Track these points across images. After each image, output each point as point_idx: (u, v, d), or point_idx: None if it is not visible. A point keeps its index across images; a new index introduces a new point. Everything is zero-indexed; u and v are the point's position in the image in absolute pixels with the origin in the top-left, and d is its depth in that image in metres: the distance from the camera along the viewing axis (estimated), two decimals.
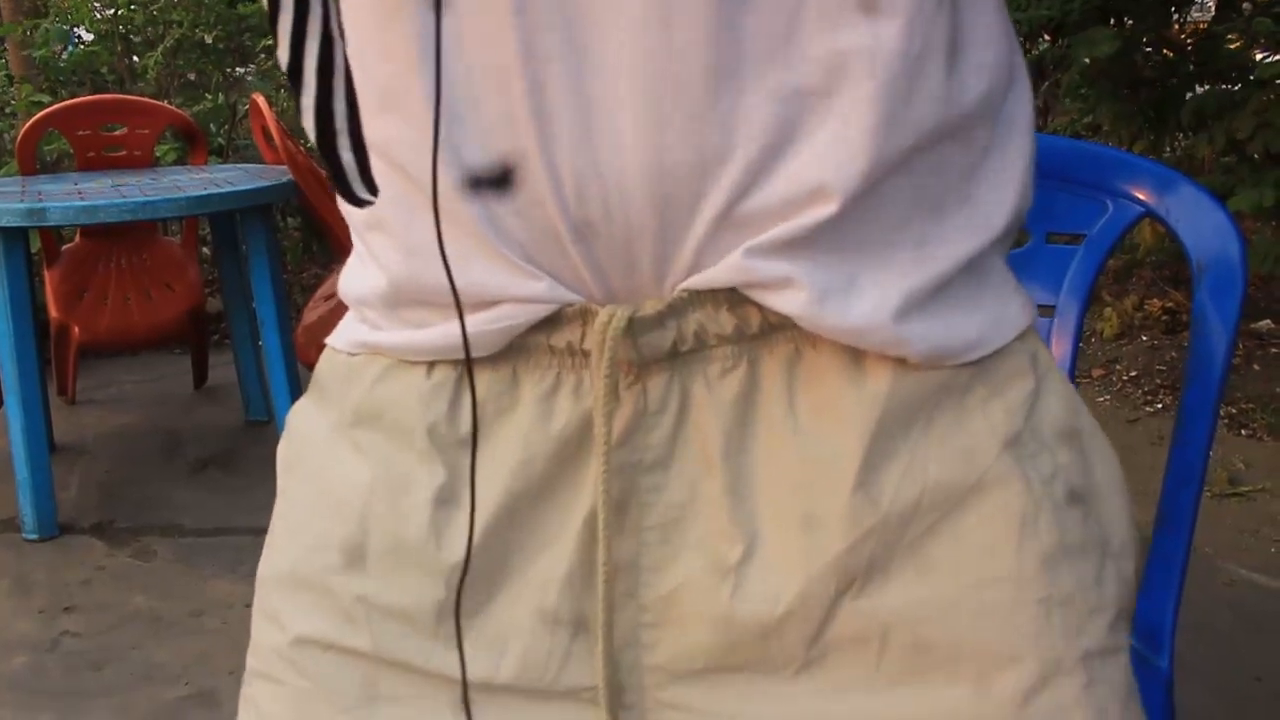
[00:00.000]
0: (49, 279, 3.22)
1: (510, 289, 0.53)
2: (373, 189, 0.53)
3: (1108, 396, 3.27)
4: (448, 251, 0.52)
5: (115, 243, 3.26)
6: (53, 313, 3.21)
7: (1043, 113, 4.45)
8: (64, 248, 3.29)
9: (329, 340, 0.63)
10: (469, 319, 0.54)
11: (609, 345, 0.52)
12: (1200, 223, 1.06)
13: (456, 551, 0.56)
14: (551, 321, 0.54)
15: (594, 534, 0.55)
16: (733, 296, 0.52)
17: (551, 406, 0.55)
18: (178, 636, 2.18)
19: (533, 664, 0.57)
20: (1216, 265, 1.04)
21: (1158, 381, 3.31)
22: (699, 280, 0.51)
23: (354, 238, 0.61)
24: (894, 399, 0.53)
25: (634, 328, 0.52)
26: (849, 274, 0.51)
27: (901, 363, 0.53)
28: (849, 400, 0.53)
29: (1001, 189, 0.54)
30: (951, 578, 0.53)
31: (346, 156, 0.52)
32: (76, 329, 3.21)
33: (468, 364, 0.54)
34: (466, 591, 0.57)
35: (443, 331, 0.55)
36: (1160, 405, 3.16)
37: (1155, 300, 3.78)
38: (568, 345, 0.54)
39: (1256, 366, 3.34)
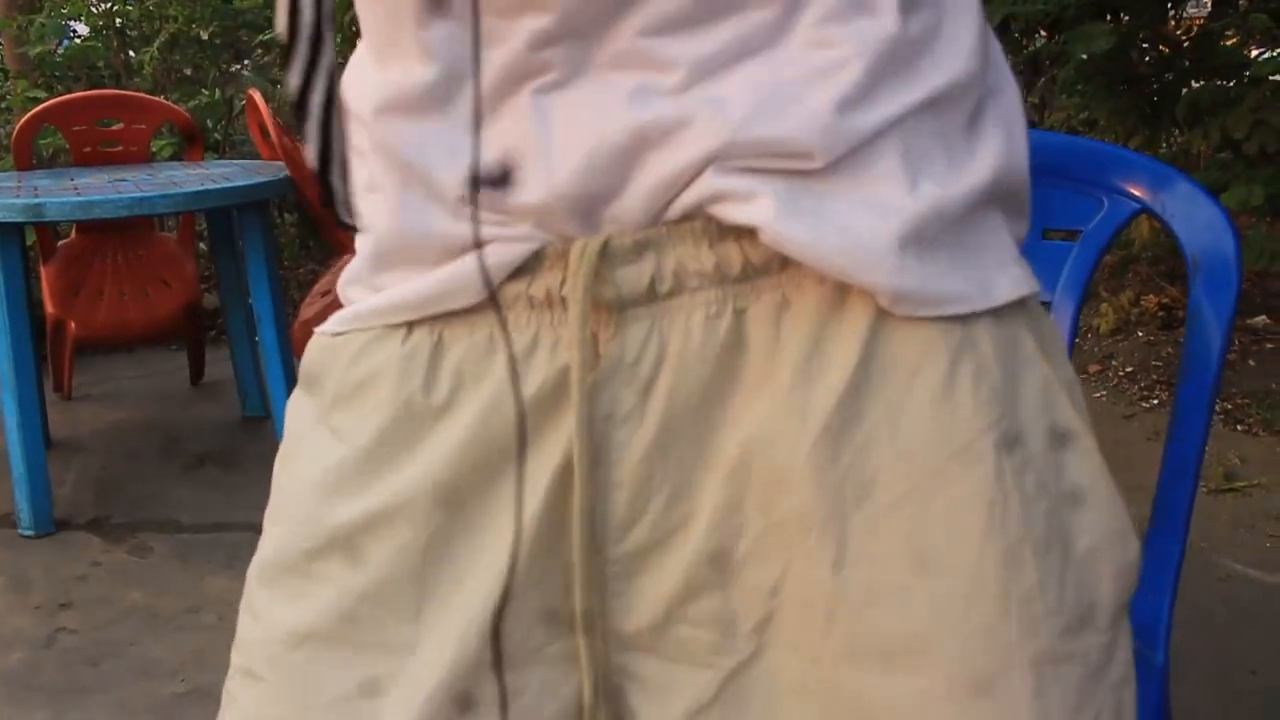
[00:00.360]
0: (45, 275, 3.22)
1: (497, 232, 0.54)
2: (352, 215, 0.55)
3: (1104, 392, 3.27)
4: (434, 214, 0.54)
5: (111, 238, 3.26)
6: (49, 308, 3.21)
7: (1039, 108, 4.45)
8: (60, 243, 3.29)
9: (318, 329, 0.64)
10: (448, 266, 0.55)
11: (584, 269, 0.52)
12: (1195, 218, 1.06)
13: (426, 529, 0.57)
14: (531, 268, 0.54)
15: (562, 490, 0.55)
16: (710, 230, 0.52)
17: (528, 369, 0.55)
18: (174, 632, 2.19)
19: (515, 629, 0.57)
20: (1211, 261, 1.04)
21: (1154, 377, 3.31)
22: (672, 208, 0.52)
23: (359, 223, 0.62)
24: (876, 347, 0.52)
25: (610, 256, 0.53)
26: (820, 196, 0.51)
27: (885, 312, 0.52)
28: (825, 349, 0.52)
29: (990, 146, 0.54)
30: (908, 560, 0.52)
31: (337, 184, 0.54)
32: (73, 325, 3.21)
33: (492, 299, 0.54)
34: (432, 567, 0.57)
35: (428, 281, 0.56)
36: (1156, 401, 3.17)
37: (1151, 296, 3.79)
38: (547, 294, 0.54)
39: (1252, 362, 3.35)
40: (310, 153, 0.53)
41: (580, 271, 0.53)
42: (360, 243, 0.61)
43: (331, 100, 0.53)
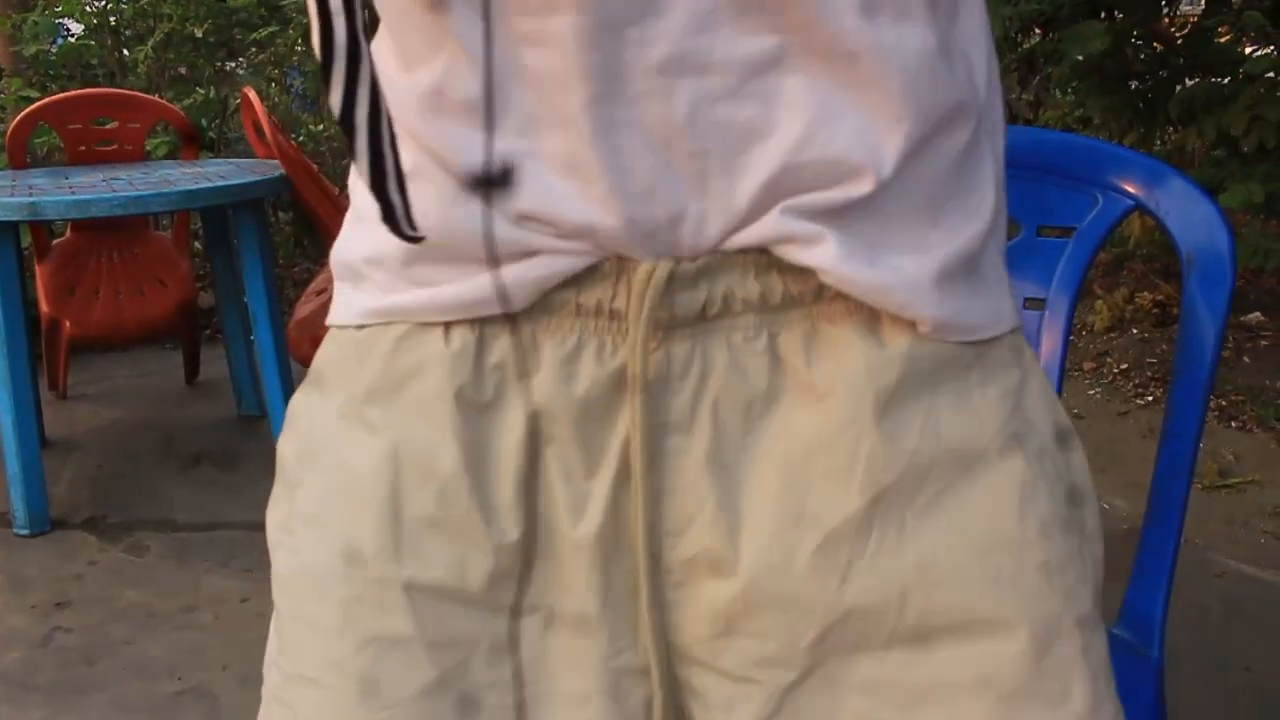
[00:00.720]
0: (40, 273, 3.21)
1: (549, 242, 0.54)
2: (415, 227, 0.54)
3: (1098, 389, 3.28)
4: (480, 212, 0.54)
5: (106, 237, 3.26)
6: (44, 307, 3.21)
7: (1033, 106, 4.46)
8: (55, 242, 3.29)
9: (331, 321, 0.62)
10: (502, 270, 0.54)
11: (650, 295, 0.53)
12: (1189, 215, 1.06)
13: (498, 521, 0.57)
14: (583, 279, 0.55)
15: (619, 498, 0.57)
16: (760, 262, 0.54)
17: (574, 370, 0.55)
18: (171, 631, 2.19)
19: (579, 633, 0.58)
20: (1205, 257, 1.05)
21: (1148, 374, 3.32)
22: (735, 239, 0.54)
23: (361, 193, 0.60)
24: (909, 363, 0.55)
25: (673, 283, 0.54)
26: (875, 240, 0.54)
27: (913, 333, 0.55)
28: (865, 365, 0.55)
29: (985, 182, 0.58)
30: (961, 542, 0.56)
31: (395, 198, 0.53)
32: (67, 323, 3.21)
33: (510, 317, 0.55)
34: (508, 567, 0.58)
35: (469, 286, 0.55)
36: (1151, 398, 3.17)
37: (1146, 293, 3.79)
38: (597, 304, 0.55)
39: (1246, 359, 3.36)
40: (362, 169, 0.52)
41: (647, 297, 0.54)
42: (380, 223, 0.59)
43: (378, 112, 0.51)
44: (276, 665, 0.62)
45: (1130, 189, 1.10)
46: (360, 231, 0.60)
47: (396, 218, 0.53)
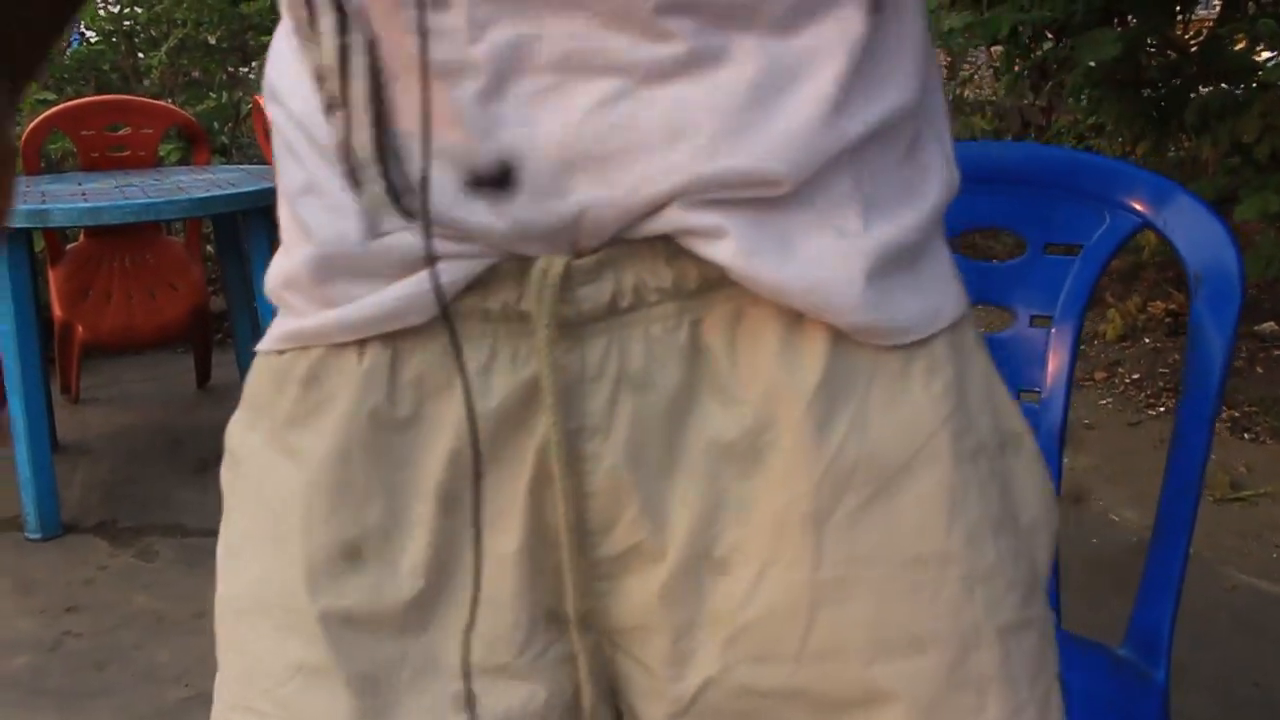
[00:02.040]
0: (53, 278, 3.23)
1: (444, 247, 0.53)
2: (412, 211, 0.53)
3: (1110, 399, 3.27)
4: (387, 224, 0.52)
5: (119, 242, 3.27)
6: (56, 312, 3.23)
7: (1046, 113, 4.45)
8: (68, 247, 3.31)
9: (258, 347, 0.62)
10: (399, 284, 0.53)
11: (548, 293, 0.52)
12: (1197, 233, 1.06)
13: (414, 544, 0.56)
14: (485, 282, 0.53)
15: (539, 502, 0.56)
16: (670, 248, 0.52)
17: (489, 382, 0.55)
18: (180, 637, 2.19)
19: (502, 644, 0.57)
20: (1213, 276, 1.04)
21: (1160, 384, 3.31)
22: (635, 231, 0.52)
23: (283, 218, 0.59)
24: (835, 363, 0.53)
25: (572, 278, 0.52)
26: (785, 232, 0.52)
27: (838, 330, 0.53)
28: (785, 363, 0.53)
29: (927, 171, 0.56)
30: (883, 557, 0.54)
31: (396, 176, 0.52)
32: (80, 328, 3.23)
33: (447, 319, 0.53)
34: (427, 588, 0.57)
35: (374, 301, 0.54)
36: (1163, 408, 3.16)
37: (1158, 302, 3.78)
38: (503, 308, 0.54)
39: (1259, 369, 3.34)
40: (361, 140, 0.51)
41: (544, 295, 0.52)
42: (295, 245, 0.58)
43: (378, 75, 0.50)
44: (218, 694, 0.62)
45: (1138, 207, 1.10)
46: (281, 257, 0.59)
47: (398, 196, 0.52)
